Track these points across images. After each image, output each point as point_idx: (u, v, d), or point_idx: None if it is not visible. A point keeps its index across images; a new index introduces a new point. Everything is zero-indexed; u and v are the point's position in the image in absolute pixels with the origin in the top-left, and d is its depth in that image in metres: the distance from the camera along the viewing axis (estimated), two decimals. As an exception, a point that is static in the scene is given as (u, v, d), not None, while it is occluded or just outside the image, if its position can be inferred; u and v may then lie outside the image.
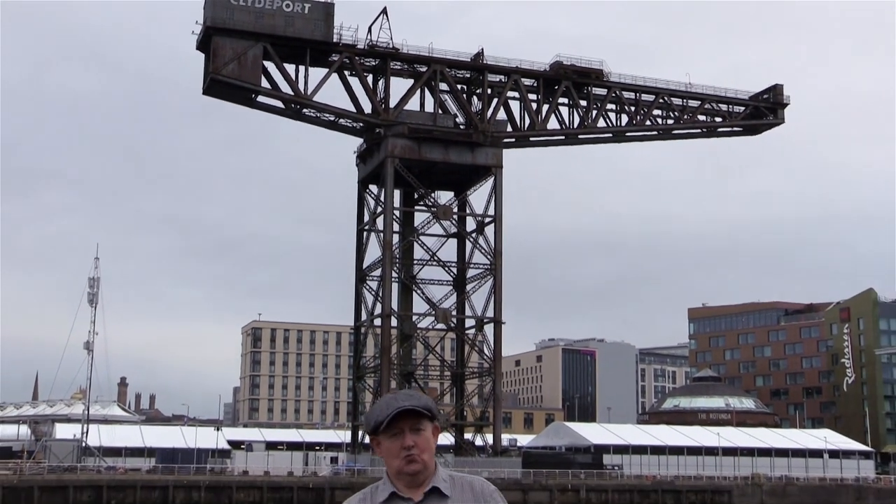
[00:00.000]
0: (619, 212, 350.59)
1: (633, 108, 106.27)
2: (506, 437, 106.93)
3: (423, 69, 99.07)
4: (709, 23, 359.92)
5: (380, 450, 3.94)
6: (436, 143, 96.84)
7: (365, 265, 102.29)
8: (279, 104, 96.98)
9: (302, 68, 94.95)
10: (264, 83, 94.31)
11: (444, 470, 3.92)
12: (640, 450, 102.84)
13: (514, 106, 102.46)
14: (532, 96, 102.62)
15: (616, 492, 78.61)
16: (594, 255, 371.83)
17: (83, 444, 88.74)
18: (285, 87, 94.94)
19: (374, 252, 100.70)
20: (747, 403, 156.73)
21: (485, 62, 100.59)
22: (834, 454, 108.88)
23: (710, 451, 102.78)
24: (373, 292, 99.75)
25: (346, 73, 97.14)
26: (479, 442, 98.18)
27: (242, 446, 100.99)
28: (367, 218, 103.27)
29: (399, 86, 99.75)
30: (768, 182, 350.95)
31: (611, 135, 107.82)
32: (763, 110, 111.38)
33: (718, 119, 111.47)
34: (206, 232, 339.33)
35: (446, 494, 3.81)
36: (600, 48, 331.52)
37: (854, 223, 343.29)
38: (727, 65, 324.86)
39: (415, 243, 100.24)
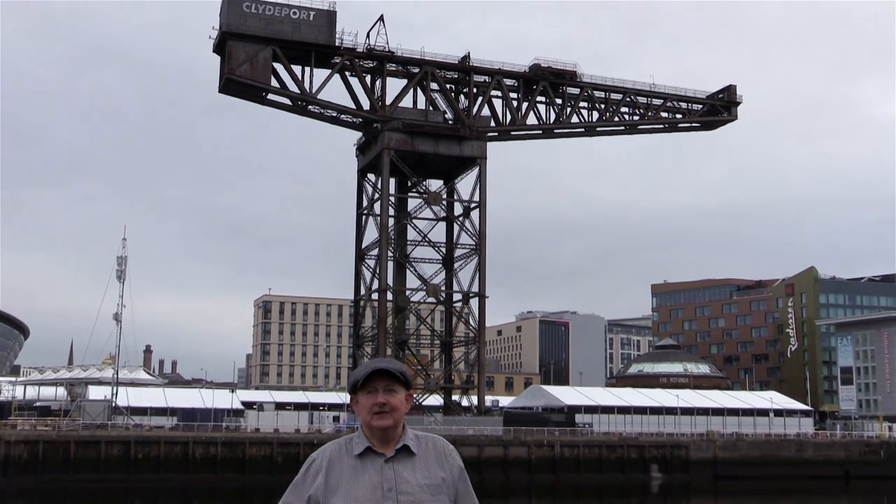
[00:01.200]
0: (590, 198, 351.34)
1: (603, 106, 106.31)
2: (489, 399, 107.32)
3: (416, 70, 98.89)
4: (669, 32, 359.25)
5: (357, 407, 3.95)
6: (427, 137, 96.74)
7: (363, 245, 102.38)
8: (287, 102, 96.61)
9: (307, 69, 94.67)
10: (274, 83, 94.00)
11: (411, 430, 3.94)
12: (608, 410, 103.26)
13: (497, 103, 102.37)
14: (513, 95, 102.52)
15: (586, 447, 78.91)
16: (568, 236, 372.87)
17: (113, 404, 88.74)
18: (292, 87, 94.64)
19: (371, 234, 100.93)
20: (703, 369, 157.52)
21: (471, 64, 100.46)
22: (778, 413, 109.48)
23: (670, 410, 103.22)
24: (371, 270, 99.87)
25: (347, 73, 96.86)
26: (465, 403, 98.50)
27: (254, 406, 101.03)
28: (365, 203, 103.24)
29: (394, 85, 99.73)
30: (722, 172, 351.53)
31: (583, 130, 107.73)
32: (718, 108, 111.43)
33: (678, 116, 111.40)
34: (221, 216, 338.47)
35: (414, 452, 3.84)
36: (574, 52, 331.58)
37: (797, 209, 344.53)
38: (684, 67, 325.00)
39: (408, 226, 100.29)
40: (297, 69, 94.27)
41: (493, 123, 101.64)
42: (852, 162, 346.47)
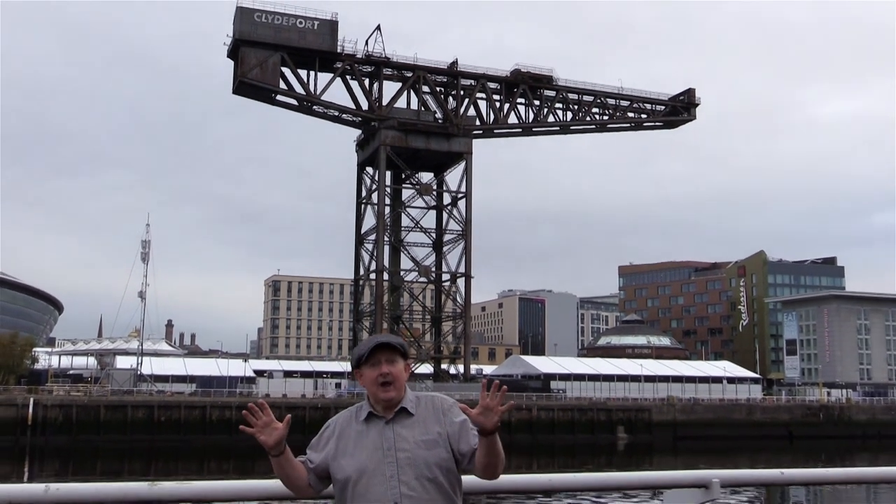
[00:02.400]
0: (564, 189, 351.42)
1: (576, 107, 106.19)
2: (474, 367, 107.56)
3: (409, 74, 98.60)
4: (633, 43, 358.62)
5: (362, 380, 3.91)
6: (419, 134, 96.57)
7: (362, 231, 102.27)
8: (294, 102, 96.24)
9: (312, 73, 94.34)
10: (282, 85, 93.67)
11: (411, 393, 3.91)
12: (579, 377, 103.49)
13: (482, 104, 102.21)
14: (496, 97, 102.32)
15: (560, 410, 79.20)
16: (544, 223, 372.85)
17: (138, 373, 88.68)
18: (299, 89, 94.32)
19: (369, 221, 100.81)
20: (664, 341, 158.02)
21: (458, 69, 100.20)
22: (731, 380, 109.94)
23: (635, 378, 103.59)
24: (369, 252, 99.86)
25: (348, 77, 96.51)
26: (452, 371, 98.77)
27: (265, 374, 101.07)
28: (364, 194, 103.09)
29: (390, 88, 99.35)
30: (681, 167, 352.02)
31: (558, 128, 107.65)
32: (679, 109, 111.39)
33: (643, 116, 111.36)
34: (235, 205, 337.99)
35: (412, 413, 3.82)
36: (549, 60, 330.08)
37: (748, 200, 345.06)
38: (647, 74, 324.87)
39: (402, 214, 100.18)
40: (302, 73, 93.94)
41: (478, 122, 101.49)
42: (795, 158, 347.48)
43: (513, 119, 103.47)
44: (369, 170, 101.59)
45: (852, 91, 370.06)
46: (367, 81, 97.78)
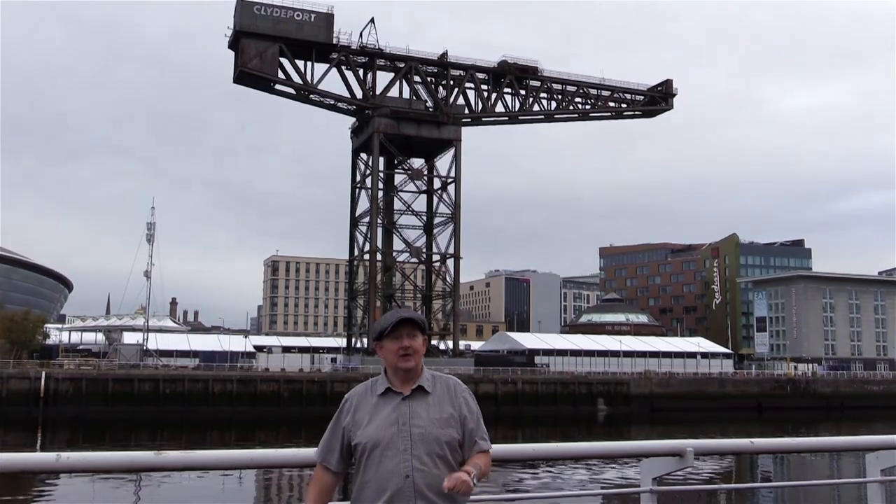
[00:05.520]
0: (548, 175, 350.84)
1: (560, 97, 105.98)
2: (462, 343, 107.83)
3: (402, 65, 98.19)
4: (607, 40, 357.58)
5: (382, 352, 3.87)
6: (411, 122, 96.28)
7: (357, 214, 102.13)
8: (291, 91, 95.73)
9: (309, 63, 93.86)
10: (280, 75, 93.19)
11: (428, 371, 3.89)
12: (562, 353, 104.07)
13: (471, 94, 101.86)
14: (484, 87, 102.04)
15: (544, 384, 79.47)
16: (529, 207, 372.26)
17: (144, 348, 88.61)
18: (296, 78, 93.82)
19: (363, 204, 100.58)
20: (642, 318, 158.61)
21: (448, 60, 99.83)
22: (704, 355, 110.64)
23: (614, 353, 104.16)
24: (363, 234, 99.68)
25: (343, 67, 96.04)
26: (442, 347, 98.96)
27: (264, 350, 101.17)
28: (358, 178, 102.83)
29: (383, 78, 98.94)
30: (658, 155, 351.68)
31: (543, 117, 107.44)
32: (657, 99, 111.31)
33: (624, 105, 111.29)
34: (236, 189, 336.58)
35: (428, 391, 3.81)
36: (530, 56, 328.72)
37: (721, 185, 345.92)
38: (624, 67, 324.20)
39: (395, 198, 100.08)
40: (300, 64, 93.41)
41: (466, 111, 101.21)
42: (763, 146, 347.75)
43: (500, 108, 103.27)
44: (363, 156, 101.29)
45: (813, 86, 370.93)
46: (361, 72, 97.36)
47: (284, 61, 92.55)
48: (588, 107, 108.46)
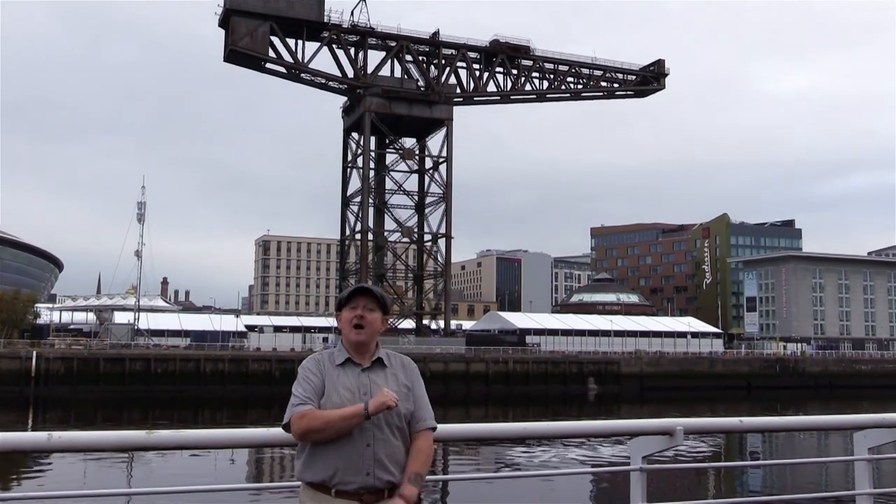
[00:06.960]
0: (539, 155, 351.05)
1: (552, 76, 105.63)
2: (454, 323, 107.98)
3: (393, 44, 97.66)
4: (597, 20, 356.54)
5: (340, 322, 3.94)
6: (402, 101, 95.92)
7: (348, 193, 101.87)
8: (283, 70, 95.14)
9: (300, 42, 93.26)
10: (271, 53, 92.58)
11: (383, 349, 3.96)
12: (553, 332, 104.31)
13: (462, 73, 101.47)
14: (476, 66, 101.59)
15: (535, 363, 79.73)
16: (520, 187, 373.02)
17: (135, 327, 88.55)
18: (287, 57, 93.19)
19: (355, 184, 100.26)
20: (633, 298, 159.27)
21: (440, 39, 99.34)
22: (694, 335, 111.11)
23: (605, 333, 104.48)
24: (354, 214, 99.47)
25: (334, 46, 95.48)
26: (433, 326, 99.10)
27: (256, 329, 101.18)
28: (349, 158, 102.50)
29: (374, 57, 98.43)
30: (648, 135, 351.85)
31: (535, 96, 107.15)
32: (649, 79, 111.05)
33: (616, 85, 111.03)
34: (227, 169, 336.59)
35: (386, 365, 3.89)
36: (526, 32, 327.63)
37: (711, 166, 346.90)
38: (613, 47, 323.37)
39: (386, 177, 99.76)
40: (291, 42, 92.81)
41: (458, 90, 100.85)
42: (753, 126, 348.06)
43: (492, 88, 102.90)
44: (355, 135, 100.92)
45: (804, 67, 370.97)
46: (352, 50, 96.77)
47: (275, 40, 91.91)
48: (580, 86, 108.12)
